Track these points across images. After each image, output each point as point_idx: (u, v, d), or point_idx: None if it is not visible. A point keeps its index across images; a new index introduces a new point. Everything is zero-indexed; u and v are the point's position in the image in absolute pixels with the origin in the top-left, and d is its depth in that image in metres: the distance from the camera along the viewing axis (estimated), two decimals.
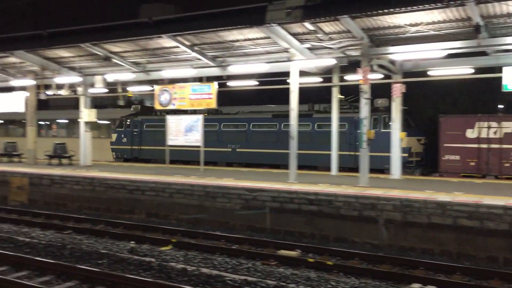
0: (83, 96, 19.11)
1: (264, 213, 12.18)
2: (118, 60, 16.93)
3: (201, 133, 17.23)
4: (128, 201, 14.47)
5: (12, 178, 16.98)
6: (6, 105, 20.74)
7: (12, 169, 17.61)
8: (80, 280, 8.08)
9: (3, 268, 8.75)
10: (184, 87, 17.19)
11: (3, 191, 17.11)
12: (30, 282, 7.73)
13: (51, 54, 17.73)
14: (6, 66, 19.87)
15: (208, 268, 8.94)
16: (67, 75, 18.75)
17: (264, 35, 13.49)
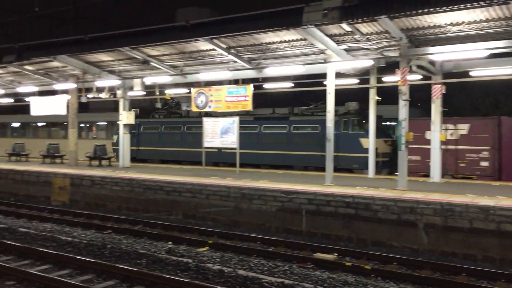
0: (122, 98, 19.52)
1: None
2: (156, 64, 17.22)
3: (236, 135, 17.33)
4: (165, 202, 14.68)
5: (54, 179, 17.51)
6: (49, 108, 21.40)
7: (54, 170, 18.15)
8: (120, 279, 8.24)
9: (46, 266, 9.02)
10: (220, 89, 17.32)
11: (46, 191, 17.66)
12: (72, 281, 7.92)
13: (92, 58, 18.20)
14: (50, 70, 20.52)
15: (245, 270, 8.95)
16: (107, 78, 19.21)
17: (300, 36, 13.44)
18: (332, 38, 13.29)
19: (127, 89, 19.47)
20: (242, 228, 12.97)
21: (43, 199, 17.61)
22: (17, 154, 23.86)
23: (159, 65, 17.36)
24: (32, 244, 10.56)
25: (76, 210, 15.32)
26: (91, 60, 18.48)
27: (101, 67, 19.07)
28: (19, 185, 18.57)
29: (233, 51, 15.28)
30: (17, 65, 19.32)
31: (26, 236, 11.33)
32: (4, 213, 15.09)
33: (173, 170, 18.88)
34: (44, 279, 7.95)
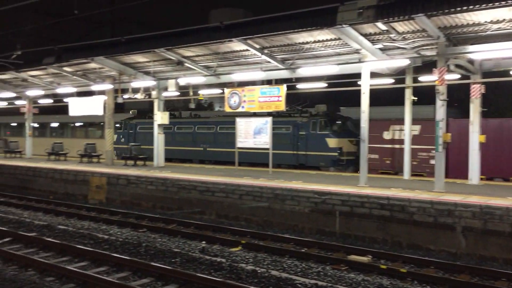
0: (157, 99, 19.81)
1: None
2: (190, 64, 17.40)
3: (269, 135, 17.33)
4: (199, 202, 14.81)
5: (91, 177, 17.93)
6: (86, 109, 21.93)
7: (91, 169, 18.58)
8: (155, 277, 8.36)
9: (84, 263, 9.24)
10: (254, 89, 17.35)
11: (84, 190, 18.11)
12: (109, 278, 8.08)
13: (128, 60, 18.55)
14: (87, 72, 21.03)
15: (278, 270, 8.93)
16: (142, 79, 19.54)
17: (334, 36, 13.32)
18: (367, 37, 13.11)
19: (161, 89, 19.76)
20: (275, 229, 12.96)
21: (81, 198, 18.06)
22: (56, 154, 24.55)
23: (193, 66, 17.53)
24: (71, 241, 10.83)
25: (112, 209, 15.64)
26: (127, 62, 18.84)
27: (136, 68, 19.42)
28: (58, 184, 19.11)
29: (267, 52, 15.28)
30: (57, 66, 19.88)
31: (65, 234, 11.63)
32: (44, 210, 15.56)
33: (206, 170, 19.03)
34: (82, 276, 8.14)
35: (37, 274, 8.45)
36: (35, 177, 20.09)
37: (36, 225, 12.62)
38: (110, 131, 21.08)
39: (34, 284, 7.70)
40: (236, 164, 19.23)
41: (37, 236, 11.00)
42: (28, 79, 23.03)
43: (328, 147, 19.33)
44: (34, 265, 8.85)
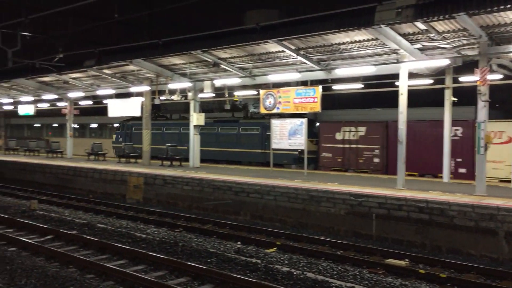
0: (193, 100, 20.04)
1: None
2: (226, 66, 17.52)
3: (305, 136, 17.26)
4: (233, 203, 14.89)
5: (129, 177, 18.30)
6: (124, 110, 22.42)
7: (129, 169, 18.96)
8: (191, 277, 8.44)
9: (123, 261, 9.43)
10: (289, 91, 17.32)
11: (122, 189, 18.50)
12: (146, 276, 8.22)
13: (165, 62, 18.85)
14: (126, 74, 21.49)
15: (313, 273, 8.87)
16: (178, 81, 19.81)
17: (371, 36, 13.14)
18: (406, 37, 12.88)
19: (197, 91, 19.98)
20: (310, 231, 12.89)
21: (119, 197, 18.45)
22: (95, 154, 25.19)
23: (228, 67, 17.65)
24: (109, 239, 11.08)
25: (149, 208, 15.90)
26: (164, 64, 19.14)
27: (173, 70, 19.70)
28: (97, 183, 19.59)
29: (302, 53, 15.22)
30: (97, 69, 20.39)
31: (104, 232, 11.90)
32: (84, 209, 15.98)
33: (241, 171, 19.11)
34: (121, 274, 8.30)
35: (78, 271, 8.68)
36: (76, 176, 20.66)
37: (77, 223, 12.97)
38: (147, 132, 21.46)
39: (75, 281, 7.90)
40: (271, 165, 19.26)
41: (77, 234, 11.31)
42: (69, 81, 23.72)
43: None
44: (75, 262, 9.09)
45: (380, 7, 11.51)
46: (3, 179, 23.87)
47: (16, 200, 17.83)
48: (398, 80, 13.63)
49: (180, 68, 19.35)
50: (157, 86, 20.41)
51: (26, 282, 7.85)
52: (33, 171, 22.99)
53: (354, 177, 17.10)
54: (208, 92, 19.28)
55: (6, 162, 25.01)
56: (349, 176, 17.54)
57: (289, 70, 16.78)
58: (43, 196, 18.89)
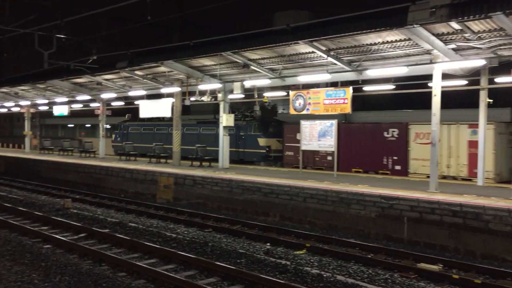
0: (223, 101, 20.14)
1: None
2: (256, 67, 17.55)
3: (335, 137, 17.12)
4: (263, 204, 14.89)
5: (160, 177, 18.53)
6: (155, 111, 22.72)
7: (159, 169, 19.20)
8: (221, 277, 8.48)
9: (153, 260, 9.55)
10: (319, 92, 17.20)
11: (152, 189, 18.75)
12: (177, 275, 8.30)
13: (195, 63, 19.01)
14: (157, 75, 21.78)
15: (344, 276, 8.78)
16: (208, 82, 19.96)
17: (404, 37, 12.93)
18: (439, 37, 12.61)
19: (227, 92, 20.08)
20: (340, 233, 12.78)
21: (150, 197, 18.70)
22: (127, 154, 25.61)
23: (258, 69, 17.67)
24: (140, 238, 11.24)
25: (179, 208, 16.06)
26: (194, 65, 19.31)
27: (203, 71, 19.86)
28: (128, 183, 19.91)
29: (333, 53, 15.11)
30: (129, 70, 20.73)
31: (135, 231, 12.09)
32: (116, 208, 16.26)
33: (270, 172, 19.10)
34: (152, 272, 8.41)
35: (110, 269, 8.84)
36: (108, 176, 21.05)
37: (109, 222, 13.21)
38: (177, 133, 21.69)
39: (107, 279, 8.04)
40: (300, 167, 19.19)
41: (110, 233, 11.53)
42: (102, 82, 24.20)
43: (259, 146, 23.31)
44: (107, 260, 9.26)
45: (413, 6, 11.30)
46: (39, 178, 24.54)
47: (51, 198, 18.29)
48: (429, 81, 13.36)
49: (211, 69, 19.49)
50: (187, 87, 20.61)
51: (61, 278, 8.03)
52: (66, 171, 23.55)
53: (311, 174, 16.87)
54: (237, 93, 19.36)
55: (41, 162, 25.69)
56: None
57: (319, 71, 16.67)
58: (77, 195, 19.33)
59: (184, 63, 19.04)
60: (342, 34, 13.11)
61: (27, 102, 32.10)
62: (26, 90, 30.15)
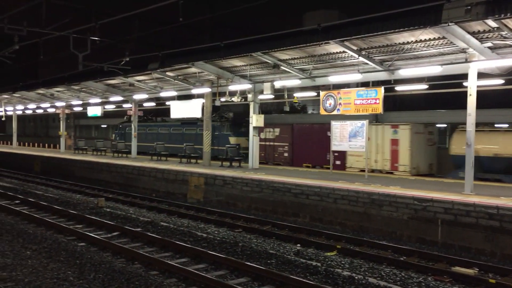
0: (253, 102, 20.18)
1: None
2: (286, 67, 17.51)
3: (366, 138, 16.91)
4: (293, 204, 14.84)
5: (190, 177, 18.69)
6: (186, 111, 22.93)
7: (190, 170, 19.37)
8: (251, 277, 8.49)
9: (185, 259, 9.65)
10: (350, 92, 17.02)
11: (183, 189, 18.94)
12: (208, 275, 8.35)
13: (225, 64, 19.11)
14: (188, 76, 21.99)
15: (376, 278, 8.67)
16: (238, 83, 20.02)
17: (438, 35, 12.66)
18: (475, 36, 12.30)
19: (257, 92, 20.10)
20: (371, 235, 12.62)
21: (180, 196, 18.89)
22: (158, 154, 25.95)
23: (288, 69, 17.63)
24: (172, 237, 11.37)
25: (209, 208, 16.17)
26: (225, 66, 19.41)
27: (233, 72, 19.93)
28: (160, 183, 20.17)
29: (364, 53, 14.93)
30: (160, 71, 21.00)
31: (167, 230, 12.23)
32: (148, 208, 16.49)
33: (300, 172, 19.03)
34: (183, 272, 8.49)
35: (143, 268, 8.97)
36: (140, 175, 21.37)
37: (141, 221, 13.41)
38: (208, 133, 21.84)
39: (140, 277, 8.15)
40: (331, 168, 19.05)
41: (142, 232, 11.69)
42: (134, 83, 24.59)
43: (230, 143, 25.22)
44: (140, 258, 9.40)
45: (447, 4, 11.04)
46: (73, 177, 25.14)
47: (85, 197, 18.70)
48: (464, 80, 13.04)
49: (241, 70, 19.55)
50: (217, 88, 20.73)
51: (95, 276, 8.19)
52: (100, 170, 24.04)
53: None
54: (267, 94, 19.35)
55: (76, 161, 26.31)
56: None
57: (350, 71, 16.50)
58: (110, 194, 19.70)
59: (214, 64, 19.16)
60: (374, 33, 12.91)
61: (62, 103, 32.92)
62: (61, 91, 30.93)
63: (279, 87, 19.18)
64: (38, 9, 14.27)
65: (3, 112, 39.35)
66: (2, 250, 9.81)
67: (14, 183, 22.81)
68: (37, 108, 38.51)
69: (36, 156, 30.45)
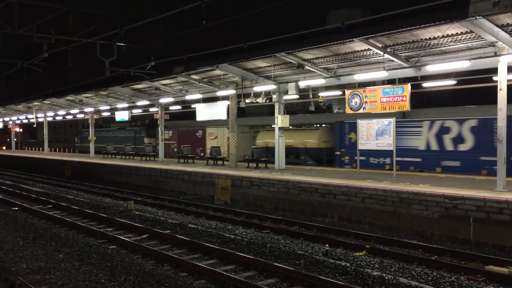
0: (277, 103, 20.16)
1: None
2: (310, 67, 17.43)
3: (393, 136, 16.69)
4: (320, 204, 14.75)
5: (217, 179, 18.79)
6: (211, 113, 23.07)
7: (217, 172, 19.48)
8: (280, 278, 8.47)
9: (213, 261, 9.69)
10: (376, 90, 16.83)
11: (210, 191, 19.05)
12: (237, 276, 8.37)
13: (249, 65, 19.15)
14: (212, 78, 22.12)
15: (407, 278, 8.53)
16: (263, 83, 20.03)
17: (465, 29, 12.40)
18: (504, 29, 11.98)
19: (282, 93, 20.08)
20: (401, 234, 12.43)
21: (208, 198, 19.01)
22: (185, 157, 26.19)
23: (313, 68, 17.54)
24: (200, 239, 11.44)
25: (236, 209, 16.22)
26: (249, 67, 19.45)
27: (258, 73, 19.96)
28: (187, 185, 20.34)
29: (389, 50, 14.74)
30: (185, 75, 21.18)
31: (195, 232, 12.31)
32: (176, 210, 16.65)
33: (327, 172, 18.90)
34: (212, 273, 8.53)
35: (172, 269, 9.05)
36: (167, 178, 21.60)
37: (170, 223, 13.54)
38: (234, 135, 21.92)
39: (169, 279, 8.23)
40: (358, 167, 18.86)
41: (171, 234, 11.81)
42: (160, 87, 24.89)
43: (145, 143, 33.81)
44: (169, 260, 9.49)
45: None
46: (103, 181, 25.59)
47: (114, 200, 19.00)
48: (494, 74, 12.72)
49: (265, 71, 19.56)
50: (242, 89, 20.79)
51: (126, 278, 8.31)
52: (128, 174, 24.40)
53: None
54: (292, 94, 19.30)
55: (105, 165, 26.77)
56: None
57: (376, 69, 16.32)
58: (138, 197, 19.98)
59: (238, 65, 19.23)
60: (399, 30, 12.71)
61: (90, 108, 33.56)
62: (89, 97, 31.55)
63: (304, 87, 19.11)
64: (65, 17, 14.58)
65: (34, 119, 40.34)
66: (36, 253, 10.05)
67: (46, 188, 23.35)
68: (67, 114, 39.34)
69: (66, 161, 31.12)
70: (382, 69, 15.71)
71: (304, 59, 17.17)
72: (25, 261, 9.42)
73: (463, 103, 25.45)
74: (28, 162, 36.57)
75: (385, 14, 13.31)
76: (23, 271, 8.75)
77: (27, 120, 45.57)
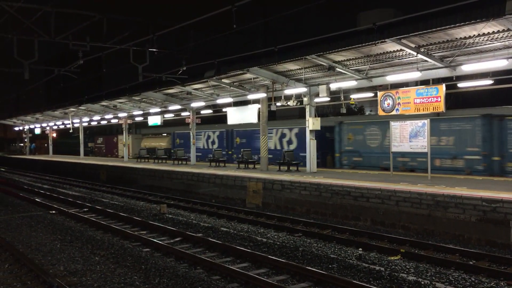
0: (308, 105, 20.06)
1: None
2: (341, 69, 17.28)
3: (427, 138, 16.34)
4: (353, 208, 14.57)
5: (249, 182, 18.81)
6: (242, 117, 23.14)
7: (248, 175, 19.50)
8: (313, 282, 8.40)
9: (245, 264, 9.69)
10: (409, 91, 16.55)
11: (242, 194, 19.09)
12: (269, 280, 8.34)
13: (280, 68, 19.13)
14: (243, 82, 22.20)
15: (444, 283, 8.32)
16: (293, 86, 19.97)
17: (502, 27, 12.05)
18: None
19: (313, 96, 19.96)
20: (436, 238, 12.15)
21: (239, 202, 19.05)
22: (216, 160, 26.34)
23: (344, 70, 17.38)
24: (232, 242, 11.46)
25: (268, 213, 16.18)
26: (279, 70, 19.43)
27: (288, 76, 19.92)
28: (219, 188, 20.44)
29: (423, 50, 14.47)
30: (216, 79, 21.35)
31: (227, 235, 12.35)
32: (208, 213, 16.75)
33: (359, 175, 18.66)
34: (244, 276, 8.52)
35: (205, 272, 9.10)
36: (199, 182, 21.77)
37: (202, 226, 13.63)
38: (264, 138, 21.92)
39: (202, 282, 8.27)
40: (391, 170, 18.56)
41: (203, 237, 11.87)
42: (191, 92, 25.14)
43: (88, 146, 41.18)
44: (202, 263, 9.55)
45: None
46: (136, 185, 26.01)
47: (148, 204, 19.27)
48: None
49: (295, 73, 19.50)
50: (273, 92, 20.78)
51: (159, 281, 8.40)
52: (161, 177, 24.72)
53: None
54: (323, 96, 19.16)
55: (138, 170, 27.21)
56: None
57: (409, 70, 16.05)
58: (171, 200, 20.20)
59: (269, 68, 19.24)
60: (433, 29, 12.47)
61: (124, 113, 34.21)
62: (123, 102, 32.16)
63: (335, 89, 18.96)
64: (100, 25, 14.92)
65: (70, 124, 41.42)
66: (72, 256, 10.29)
67: (82, 192, 23.90)
68: (101, 120, 40.24)
69: (101, 166, 31.79)
70: (416, 70, 15.43)
71: (335, 61, 17.03)
72: (63, 263, 9.65)
73: (501, 103, 24.72)
74: (64, 166, 37.56)
75: (417, 14, 13.08)
76: (60, 273, 8.96)
77: (63, 126, 47.08)
